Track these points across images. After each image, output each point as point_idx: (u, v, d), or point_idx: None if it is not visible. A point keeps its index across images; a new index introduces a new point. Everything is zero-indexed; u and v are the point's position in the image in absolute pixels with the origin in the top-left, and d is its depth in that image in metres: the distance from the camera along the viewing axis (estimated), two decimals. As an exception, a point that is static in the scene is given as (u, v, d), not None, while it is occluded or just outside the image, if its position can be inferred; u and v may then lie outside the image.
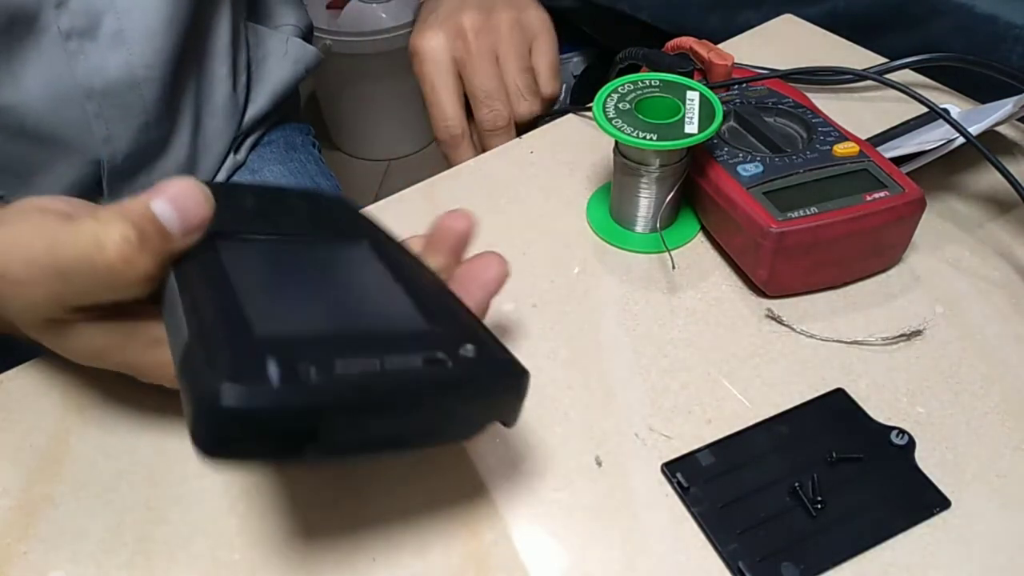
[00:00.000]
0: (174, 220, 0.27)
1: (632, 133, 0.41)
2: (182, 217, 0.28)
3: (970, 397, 0.38)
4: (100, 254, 0.26)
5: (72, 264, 0.27)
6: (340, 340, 0.26)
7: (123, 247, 0.26)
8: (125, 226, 0.26)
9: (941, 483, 0.34)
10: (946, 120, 0.43)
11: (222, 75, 0.60)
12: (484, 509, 0.34)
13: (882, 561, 0.32)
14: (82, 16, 0.49)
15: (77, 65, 0.50)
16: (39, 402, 0.38)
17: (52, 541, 0.33)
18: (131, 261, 0.26)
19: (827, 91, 0.57)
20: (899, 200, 0.41)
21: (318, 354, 0.24)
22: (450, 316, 0.30)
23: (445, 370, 0.26)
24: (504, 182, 0.51)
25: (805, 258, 0.41)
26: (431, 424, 0.27)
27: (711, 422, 0.37)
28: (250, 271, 0.29)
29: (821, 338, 0.40)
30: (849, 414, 0.37)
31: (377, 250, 0.34)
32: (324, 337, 0.26)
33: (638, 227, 0.46)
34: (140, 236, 0.27)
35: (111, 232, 0.26)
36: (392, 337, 0.27)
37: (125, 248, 0.26)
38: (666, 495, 0.34)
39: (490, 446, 0.36)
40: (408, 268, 0.33)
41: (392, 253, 0.34)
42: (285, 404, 0.22)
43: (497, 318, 0.42)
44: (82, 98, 0.51)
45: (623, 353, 0.40)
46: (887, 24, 0.68)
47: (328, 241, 0.34)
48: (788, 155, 0.43)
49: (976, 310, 0.42)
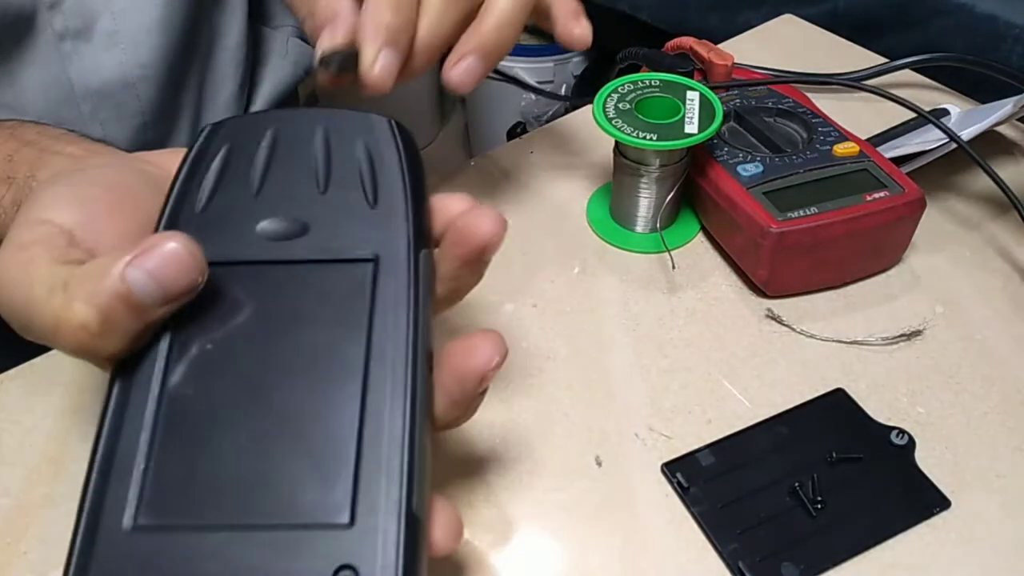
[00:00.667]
0: (152, 294, 0.24)
1: (632, 133, 0.41)
2: (162, 290, 0.24)
3: (970, 397, 0.38)
4: (57, 337, 0.25)
5: (41, 334, 0.25)
6: (213, 550, 0.22)
7: (79, 335, 0.24)
8: (86, 311, 0.24)
9: (941, 483, 0.34)
10: (937, 125, 0.43)
11: (228, 74, 0.60)
12: (484, 509, 0.34)
13: (882, 561, 0.32)
14: (76, 17, 0.49)
15: (72, 66, 0.50)
16: (39, 402, 0.38)
17: (52, 541, 0.33)
18: (88, 348, 0.24)
19: (827, 91, 0.57)
20: (899, 200, 0.41)
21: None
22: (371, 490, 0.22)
23: None
24: (504, 182, 0.51)
25: (805, 258, 0.41)
26: None
27: (711, 422, 0.37)
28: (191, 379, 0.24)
29: (821, 338, 0.40)
30: (849, 414, 0.37)
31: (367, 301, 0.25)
32: (198, 541, 0.22)
33: (638, 227, 0.46)
34: (102, 322, 0.24)
35: (70, 316, 0.24)
36: (279, 547, 0.22)
37: (81, 336, 0.24)
38: (666, 495, 0.34)
39: (490, 446, 0.36)
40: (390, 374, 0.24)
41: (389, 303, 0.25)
42: None
43: (497, 318, 0.42)
44: (77, 99, 0.51)
45: (623, 353, 0.40)
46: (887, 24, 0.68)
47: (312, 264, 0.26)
48: (788, 155, 0.43)
49: (976, 310, 0.42)
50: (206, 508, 0.23)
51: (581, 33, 0.39)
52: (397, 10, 0.33)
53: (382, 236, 0.26)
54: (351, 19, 0.34)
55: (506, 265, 0.45)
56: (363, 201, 0.27)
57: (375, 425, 0.23)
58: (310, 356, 0.25)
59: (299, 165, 0.28)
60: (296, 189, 0.27)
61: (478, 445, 0.36)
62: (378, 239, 0.26)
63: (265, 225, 0.27)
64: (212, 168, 0.28)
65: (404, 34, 0.33)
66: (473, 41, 0.35)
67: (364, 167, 0.28)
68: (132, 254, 0.24)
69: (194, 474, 0.23)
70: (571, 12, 0.39)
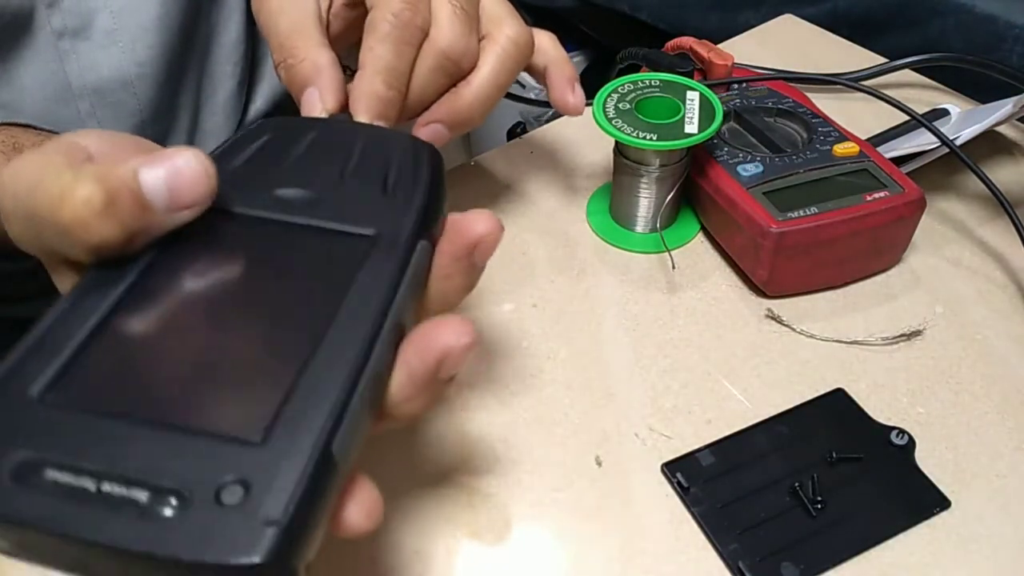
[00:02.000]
0: (160, 196, 0.25)
1: (632, 133, 0.41)
2: (171, 195, 0.25)
3: (970, 397, 0.38)
4: (58, 210, 0.24)
5: (39, 211, 0.25)
6: (109, 434, 0.21)
7: (81, 209, 0.24)
8: (93, 188, 0.24)
9: (941, 483, 0.34)
10: (929, 128, 0.43)
11: (227, 72, 0.60)
12: (484, 509, 0.34)
13: (882, 561, 0.32)
14: (74, 15, 0.49)
15: (69, 64, 0.50)
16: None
17: (52, 541, 0.33)
18: (87, 226, 0.24)
19: (827, 91, 0.57)
20: (899, 200, 0.41)
21: (51, 448, 0.21)
22: (292, 415, 0.22)
23: (159, 528, 0.20)
24: (504, 182, 0.51)
25: (805, 258, 0.41)
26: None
27: (711, 422, 0.37)
28: (151, 300, 0.25)
29: (821, 338, 0.40)
30: (849, 414, 0.37)
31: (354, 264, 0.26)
32: (98, 423, 0.22)
33: (638, 227, 0.46)
34: (107, 202, 0.24)
35: (77, 189, 0.24)
36: (173, 444, 0.21)
37: (82, 210, 0.24)
38: (666, 495, 0.34)
39: (490, 446, 0.36)
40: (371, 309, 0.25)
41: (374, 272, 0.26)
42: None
43: (497, 318, 0.42)
44: (75, 97, 0.51)
45: (623, 353, 0.40)
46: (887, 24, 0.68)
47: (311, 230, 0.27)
48: (788, 155, 0.43)
49: (976, 310, 0.42)
50: (118, 398, 0.23)
51: (575, 103, 0.41)
52: (390, 84, 0.34)
53: (387, 220, 0.27)
54: (338, 79, 0.35)
55: (506, 265, 0.45)
56: (379, 192, 0.28)
57: (318, 370, 0.23)
58: (279, 302, 0.26)
59: (330, 158, 0.30)
60: (320, 173, 0.29)
61: (478, 445, 0.36)
62: (383, 222, 0.27)
63: (281, 191, 0.28)
64: (251, 146, 0.29)
65: (395, 106, 0.34)
66: (445, 110, 0.37)
67: (391, 170, 0.29)
68: (150, 158, 0.25)
69: (120, 367, 0.24)
70: (567, 80, 0.41)
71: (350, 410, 0.22)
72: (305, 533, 0.20)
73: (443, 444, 0.36)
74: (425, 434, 0.36)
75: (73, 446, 0.21)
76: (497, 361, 0.40)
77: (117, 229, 0.25)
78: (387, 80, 0.34)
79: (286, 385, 0.22)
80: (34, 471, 0.21)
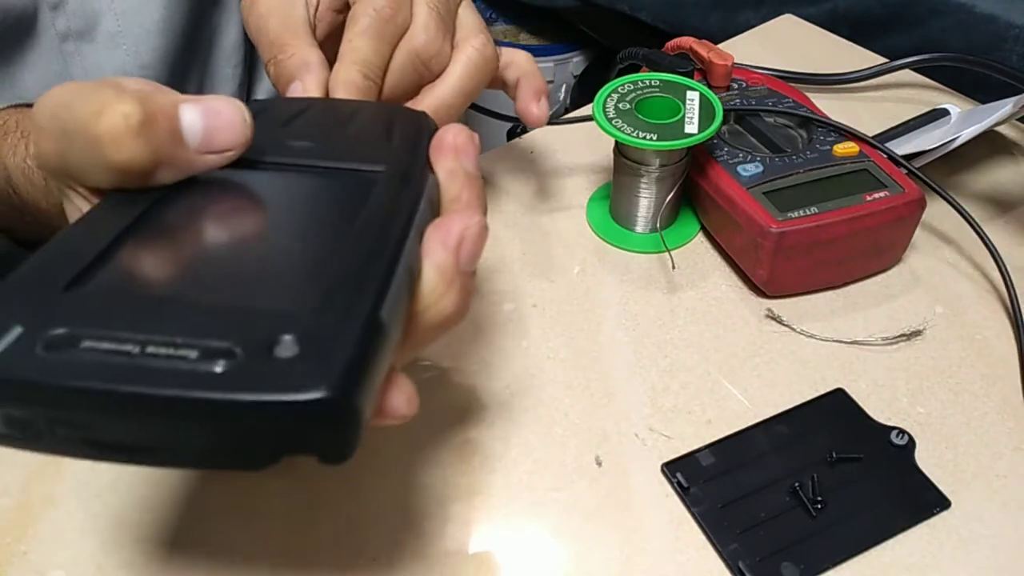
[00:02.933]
0: (196, 132, 0.25)
1: (632, 133, 0.41)
2: (206, 134, 0.26)
3: (970, 397, 0.38)
4: (94, 123, 0.24)
5: (73, 124, 0.25)
6: (147, 310, 0.21)
7: (117, 123, 0.24)
8: (133, 106, 0.24)
9: (941, 483, 0.34)
10: (882, 149, 0.43)
11: (227, 74, 0.60)
12: (484, 509, 0.34)
13: (882, 561, 0.32)
14: (79, 18, 0.49)
15: (73, 66, 0.50)
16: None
17: (52, 541, 0.33)
18: (119, 141, 0.24)
19: (827, 91, 0.57)
20: (899, 200, 0.41)
21: (85, 324, 0.20)
22: (340, 290, 0.22)
23: (212, 377, 0.19)
24: (504, 182, 0.51)
25: (805, 258, 0.41)
26: (186, 441, 0.20)
27: (711, 422, 0.37)
28: (180, 212, 0.26)
29: (821, 338, 0.40)
30: (849, 414, 0.37)
31: (371, 188, 0.27)
32: (134, 303, 0.21)
33: (638, 227, 0.47)
34: (143, 122, 0.24)
35: (116, 105, 0.24)
36: (217, 314, 0.21)
37: (119, 124, 0.24)
38: (666, 495, 0.34)
39: (490, 446, 0.36)
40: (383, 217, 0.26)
41: (391, 191, 0.27)
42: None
43: (497, 318, 0.42)
44: None
45: (623, 353, 0.40)
46: (887, 24, 0.68)
47: (325, 169, 0.29)
48: (788, 155, 0.43)
49: (976, 310, 0.42)
50: (160, 282, 0.23)
51: (539, 114, 0.41)
52: (366, 75, 0.35)
53: (396, 161, 0.29)
54: (324, 77, 0.36)
55: (506, 265, 0.45)
56: (384, 141, 0.30)
57: (356, 256, 0.23)
58: (307, 213, 0.27)
59: (334, 118, 0.32)
60: (327, 129, 0.31)
61: (478, 445, 0.36)
62: (393, 162, 0.29)
63: (292, 143, 0.30)
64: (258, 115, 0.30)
65: (372, 96, 0.36)
66: (426, 102, 0.38)
67: (392, 126, 0.31)
68: (194, 98, 0.26)
69: (160, 259, 0.24)
70: (533, 92, 0.42)
71: (394, 282, 0.23)
72: (363, 384, 0.20)
73: (443, 444, 0.36)
74: (425, 434, 0.36)
75: (112, 319, 0.20)
76: (497, 361, 0.40)
77: (147, 152, 0.25)
78: (363, 71, 0.35)
79: (329, 267, 0.23)
80: (70, 342, 0.20)
